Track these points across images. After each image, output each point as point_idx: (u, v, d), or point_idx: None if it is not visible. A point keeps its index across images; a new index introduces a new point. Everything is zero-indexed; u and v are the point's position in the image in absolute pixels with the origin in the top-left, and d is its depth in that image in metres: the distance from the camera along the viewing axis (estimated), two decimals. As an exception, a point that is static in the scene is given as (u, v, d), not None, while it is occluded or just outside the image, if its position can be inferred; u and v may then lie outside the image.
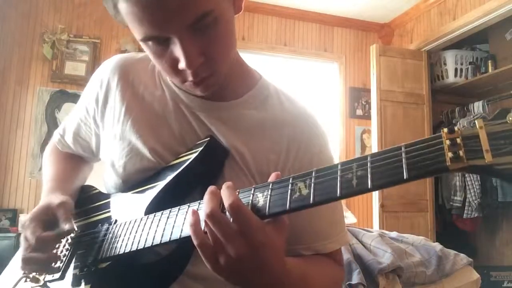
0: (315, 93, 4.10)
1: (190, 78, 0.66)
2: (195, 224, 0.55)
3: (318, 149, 0.77)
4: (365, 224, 3.73)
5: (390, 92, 3.64)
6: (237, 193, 0.56)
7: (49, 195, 0.83)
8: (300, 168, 0.74)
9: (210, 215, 0.53)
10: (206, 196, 0.55)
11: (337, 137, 4.05)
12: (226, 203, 0.52)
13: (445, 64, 3.89)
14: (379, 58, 3.64)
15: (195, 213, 0.56)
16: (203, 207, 0.55)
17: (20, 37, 3.40)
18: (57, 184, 0.88)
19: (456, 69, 3.84)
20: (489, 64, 3.65)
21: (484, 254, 3.96)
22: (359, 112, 4.13)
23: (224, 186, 0.55)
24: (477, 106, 3.67)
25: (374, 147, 3.59)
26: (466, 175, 3.68)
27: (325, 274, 0.74)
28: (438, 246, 2.07)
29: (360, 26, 4.25)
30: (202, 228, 0.55)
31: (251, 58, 3.63)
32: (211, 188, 0.56)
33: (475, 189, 3.54)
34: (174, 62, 0.65)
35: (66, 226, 0.74)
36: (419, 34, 3.87)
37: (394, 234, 2.18)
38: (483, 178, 3.65)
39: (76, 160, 0.98)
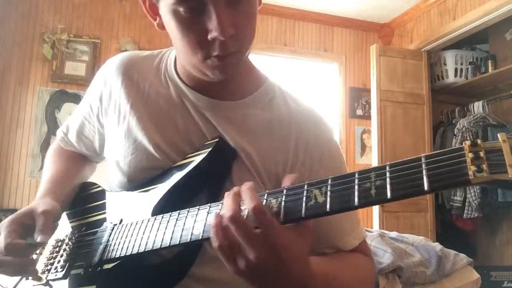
0: (315, 93, 4.09)
1: (216, 52, 0.66)
2: (218, 226, 0.53)
3: (327, 146, 0.77)
4: (365, 224, 3.73)
5: (390, 92, 3.64)
6: None
7: (39, 199, 0.81)
8: (311, 164, 0.74)
9: (233, 218, 0.52)
10: (228, 198, 0.54)
11: (337, 137, 4.05)
12: (250, 206, 0.52)
13: (445, 64, 3.89)
14: (379, 58, 3.64)
15: (219, 216, 0.54)
16: (223, 209, 0.54)
17: (20, 37, 3.40)
18: (52, 188, 0.86)
19: (456, 69, 3.84)
20: (489, 64, 3.65)
21: (484, 254, 3.96)
22: (359, 112, 4.13)
23: (244, 188, 0.54)
24: (477, 106, 3.67)
25: (374, 147, 3.59)
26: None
27: (352, 271, 0.73)
28: (438, 246, 2.07)
29: (360, 26, 4.25)
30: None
31: (251, 58, 3.61)
32: (234, 189, 0.55)
33: (475, 189, 3.54)
34: (204, 32, 0.64)
35: (39, 238, 0.72)
36: (419, 34, 3.87)
37: (394, 234, 2.18)
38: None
39: (78, 160, 0.98)
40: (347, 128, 4.07)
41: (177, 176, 0.72)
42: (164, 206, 0.70)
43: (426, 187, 0.44)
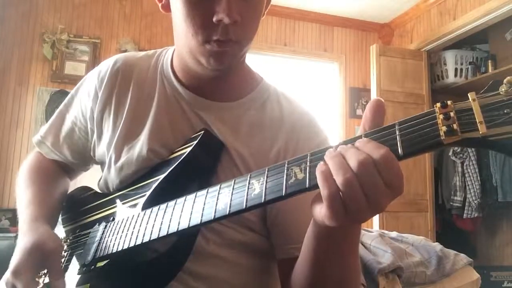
0: (315, 93, 4.09)
1: (217, 36, 0.66)
2: (327, 173, 0.45)
3: (315, 146, 0.76)
4: (365, 224, 3.73)
5: (390, 92, 3.64)
6: (233, 182, 0.56)
7: (34, 223, 0.76)
8: None
9: (363, 164, 0.43)
10: (350, 149, 0.46)
11: (337, 137, 4.05)
12: (378, 154, 0.44)
13: (445, 64, 3.89)
14: (379, 58, 3.64)
15: (326, 164, 0.46)
16: (348, 154, 0.45)
17: (20, 37, 3.40)
18: (40, 210, 0.80)
19: (456, 69, 3.85)
20: (489, 64, 3.66)
21: (484, 254, 3.96)
22: (359, 112, 4.13)
23: (365, 141, 0.46)
24: (477, 106, 3.66)
25: (374, 147, 3.59)
26: (466, 174, 3.68)
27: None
28: (438, 246, 2.07)
29: (360, 26, 4.25)
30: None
31: (251, 58, 3.61)
32: (348, 145, 0.47)
33: (475, 189, 3.54)
34: (210, 13, 0.65)
35: (55, 285, 0.67)
36: (419, 34, 3.87)
37: (394, 234, 2.18)
38: (483, 177, 3.65)
39: (57, 176, 0.92)
40: (347, 128, 4.07)
41: (165, 171, 0.73)
42: (154, 201, 0.70)
43: (400, 152, 0.44)
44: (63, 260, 0.79)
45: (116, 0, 3.65)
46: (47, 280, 0.78)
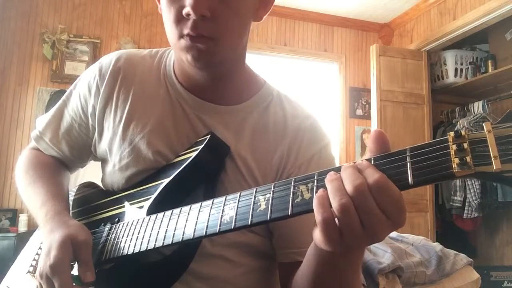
0: (315, 93, 4.10)
1: (187, 30, 0.66)
2: (323, 198, 0.46)
3: (318, 149, 0.77)
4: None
5: (390, 92, 3.64)
6: (239, 195, 0.55)
7: (58, 215, 0.74)
8: (299, 167, 0.74)
9: (358, 189, 0.44)
10: (348, 170, 0.46)
11: (337, 137, 4.05)
12: (372, 179, 0.44)
13: (445, 64, 3.89)
14: (379, 58, 3.64)
15: (325, 191, 0.47)
16: (344, 180, 0.46)
17: (20, 37, 3.40)
18: (61, 204, 0.79)
19: (456, 69, 3.84)
20: (489, 64, 3.65)
21: (484, 254, 3.96)
22: (359, 112, 4.13)
23: (365, 164, 0.47)
24: (477, 106, 3.67)
25: (374, 147, 3.59)
26: (466, 175, 3.67)
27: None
28: (438, 246, 2.07)
29: (360, 26, 4.25)
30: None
31: (251, 58, 3.62)
32: (350, 164, 0.48)
33: (475, 189, 3.54)
34: (181, 8, 0.65)
35: (85, 277, 0.65)
36: (419, 34, 3.87)
37: (394, 234, 2.18)
38: (483, 178, 3.64)
39: (59, 170, 0.90)
40: (347, 128, 4.07)
41: (171, 174, 0.72)
42: (159, 205, 0.70)
43: (410, 182, 0.43)
44: None
45: (116, 0, 3.65)
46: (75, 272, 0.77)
